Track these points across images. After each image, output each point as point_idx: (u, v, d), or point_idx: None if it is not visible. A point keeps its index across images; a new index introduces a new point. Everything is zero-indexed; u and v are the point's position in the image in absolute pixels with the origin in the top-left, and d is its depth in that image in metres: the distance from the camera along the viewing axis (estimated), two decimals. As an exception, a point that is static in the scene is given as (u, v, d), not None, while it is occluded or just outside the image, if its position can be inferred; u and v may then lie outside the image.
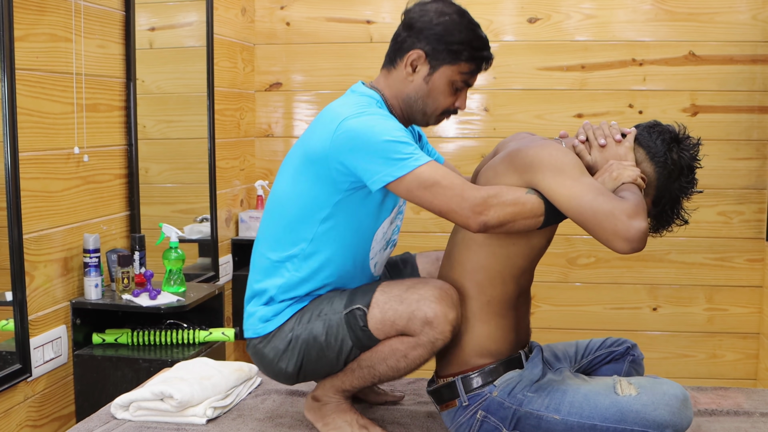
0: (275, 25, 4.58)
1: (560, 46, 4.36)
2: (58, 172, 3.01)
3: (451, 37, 2.28)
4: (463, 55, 2.29)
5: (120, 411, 2.52)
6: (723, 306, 4.38)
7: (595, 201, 2.07)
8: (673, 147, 2.33)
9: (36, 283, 2.90)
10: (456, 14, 2.31)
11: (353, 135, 2.16)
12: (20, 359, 2.82)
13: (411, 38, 2.31)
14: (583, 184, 2.12)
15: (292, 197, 2.33)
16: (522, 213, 2.14)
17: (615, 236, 2.05)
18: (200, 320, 3.37)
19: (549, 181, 2.14)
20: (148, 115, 3.69)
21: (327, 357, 2.32)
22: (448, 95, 2.34)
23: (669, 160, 2.31)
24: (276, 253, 2.37)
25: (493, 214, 2.12)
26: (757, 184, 4.28)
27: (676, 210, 2.37)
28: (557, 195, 2.12)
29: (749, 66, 4.25)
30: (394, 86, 2.37)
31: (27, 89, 2.82)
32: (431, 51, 2.29)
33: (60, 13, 2.99)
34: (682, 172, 2.32)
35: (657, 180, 2.32)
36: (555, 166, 2.15)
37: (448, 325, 2.20)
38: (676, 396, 2.16)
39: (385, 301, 2.25)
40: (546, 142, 2.28)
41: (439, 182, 2.13)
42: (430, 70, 2.30)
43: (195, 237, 4.11)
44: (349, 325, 2.27)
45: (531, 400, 2.23)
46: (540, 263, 2.29)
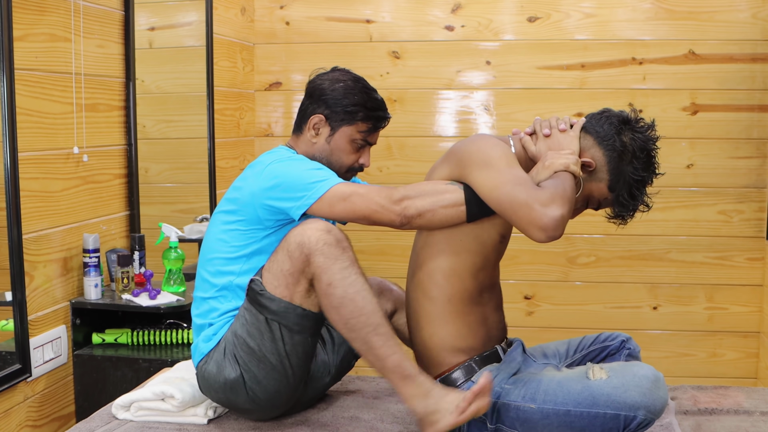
0: (275, 24, 4.58)
1: (560, 45, 4.36)
2: (58, 172, 3.01)
3: (346, 99, 2.49)
4: (359, 115, 2.50)
5: (121, 411, 2.52)
6: (723, 305, 4.38)
7: (512, 191, 2.15)
8: (622, 130, 2.35)
9: (36, 283, 2.90)
10: (351, 81, 2.53)
11: (275, 174, 2.36)
12: (20, 359, 2.82)
13: (312, 105, 2.55)
14: (504, 174, 2.19)
15: (221, 238, 2.45)
16: (440, 202, 2.27)
17: (530, 225, 2.13)
18: (200, 320, 3.36)
19: (476, 174, 2.23)
20: (148, 114, 3.69)
21: (258, 348, 2.35)
22: (351, 153, 2.54)
23: (618, 142, 2.33)
24: (209, 291, 2.46)
25: (411, 204, 2.27)
26: (758, 183, 4.28)
27: (634, 195, 2.36)
28: (481, 187, 2.21)
29: (749, 64, 4.25)
30: (303, 148, 2.57)
31: (26, 89, 2.82)
32: (329, 114, 2.51)
33: (59, 13, 2.99)
34: (634, 155, 2.33)
35: (608, 164, 2.34)
36: (481, 159, 2.24)
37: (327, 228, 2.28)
38: (646, 377, 2.17)
39: (270, 264, 2.34)
40: (482, 137, 2.38)
41: (355, 191, 2.31)
42: (330, 131, 2.52)
43: (195, 237, 4.10)
44: (254, 302, 2.34)
45: (508, 392, 2.25)
46: (540, 262, 2.30)
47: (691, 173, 4.33)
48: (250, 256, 2.41)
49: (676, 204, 4.34)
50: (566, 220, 2.13)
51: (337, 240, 2.27)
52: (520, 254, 4.35)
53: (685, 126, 4.31)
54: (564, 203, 2.13)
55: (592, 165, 2.33)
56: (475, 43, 4.42)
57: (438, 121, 4.49)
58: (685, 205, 4.35)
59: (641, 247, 4.38)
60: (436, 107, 4.49)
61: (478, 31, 4.41)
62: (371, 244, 4.49)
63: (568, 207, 2.15)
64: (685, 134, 4.31)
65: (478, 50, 4.42)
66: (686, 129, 4.31)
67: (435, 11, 4.44)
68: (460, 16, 4.41)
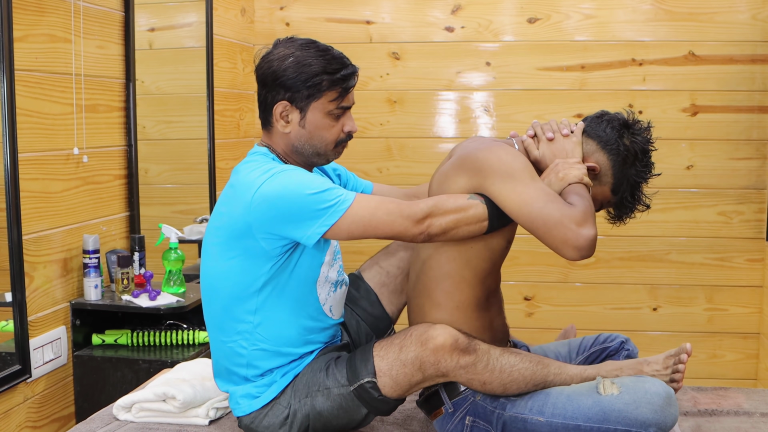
0: (275, 25, 4.58)
1: (560, 46, 4.36)
2: (58, 172, 3.01)
3: (304, 74, 2.20)
4: (323, 85, 2.21)
5: (122, 412, 2.51)
6: (723, 306, 4.38)
7: (545, 209, 2.10)
8: (623, 133, 2.35)
9: (35, 284, 2.90)
10: (299, 50, 2.23)
11: (272, 201, 2.12)
12: (20, 360, 2.82)
13: (270, 93, 2.26)
14: (532, 189, 2.15)
15: (222, 277, 2.27)
16: (464, 219, 2.18)
17: (564, 245, 2.09)
18: (200, 321, 3.36)
19: (499, 187, 2.17)
20: (148, 115, 3.69)
21: (338, 427, 2.28)
22: (331, 126, 2.27)
23: (621, 146, 2.33)
24: (226, 336, 2.31)
25: (435, 223, 2.15)
26: (757, 184, 4.28)
27: (636, 196, 2.38)
28: (507, 201, 2.16)
29: (749, 66, 4.25)
30: (279, 142, 2.30)
31: (26, 90, 2.82)
32: (291, 96, 2.23)
33: (59, 14, 2.99)
34: (636, 157, 2.34)
35: (612, 168, 2.34)
36: (505, 171, 2.18)
37: (455, 346, 2.18)
38: (658, 394, 2.14)
39: (389, 368, 2.21)
40: (495, 144, 2.30)
41: (373, 213, 2.14)
42: (300, 113, 2.24)
43: (195, 237, 4.10)
44: (362, 398, 2.24)
45: (514, 404, 2.23)
46: (540, 263, 2.29)
47: (691, 174, 4.33)
48: (260, 291, 2.23)
49: (675, 205, 4.35)
50: (596, 240, 2.12)
51: (467, 345, 2.17)
52: (520, 255, 4.35)
53: (685, 127, 4.31)
54: (594, 221, 2.12)
55: (597, 170, 2.33)
56: (474, 44, 4.42)
57: (438, 122, 4.49)
58: (684, 206, 4.35)
59: (641, 249, 4.38)
60: (436, 108, 4.49)
61: (477, 32, 4.41)
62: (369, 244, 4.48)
63: (595, 225, 2.13)
64: (685, 135, 4.32)
65: (477, 51, 4.42)
66: (686, 130, 4.31)
67: (435, 12, 4.44)
68: (460, 17, 4.41)
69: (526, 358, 2.25)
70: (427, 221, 2.15)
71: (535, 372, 2.24)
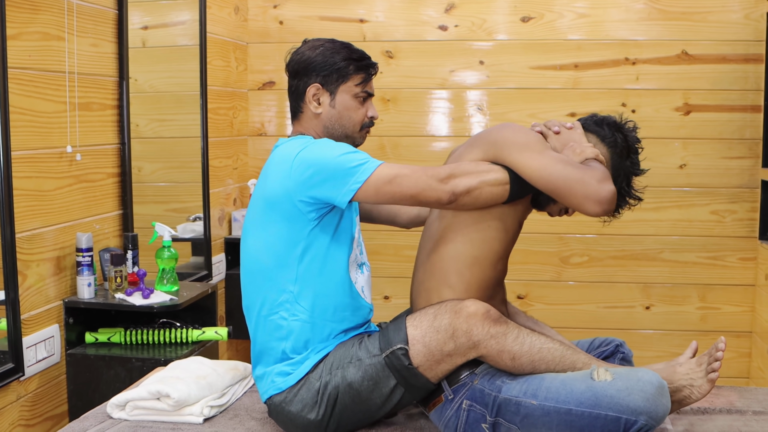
0: (268, 23, 4.58)
1: (553, 45, 4.36)
2: (51, 170, 3.00)
3: (332, 59, 2.45)
4: (351, 69, 2.46)
5: (116, 410, 2.51)
6: (716, 305, 4.39)
7: (565, 170, 2.26)
8: (617, 131, 2.50)
9: (28, 282, 2.90)
10: (328, 42, 2.49)
11: (309, 163, 2.29)
12: (13, 358, 2.81)
13: (302, 81, 2.48)
14: (549, 156, 2.30)
15: (264, 247, 2.39)
16: (487, 180, 2.30)
17: (587, 199, 2.24)
18: (193, 319, 3.36)
19: (516, 156, 2.31)
20: (141, 113, 3.68)
21: (365, 403, 2.30)
22: (357, 108, 2.49)
23: (618, 140, 2.48)
24: (266, 307, 2.39)
25: (459, 182, 2.28)
26: (750, 183, 4.29)
27: (631, 187, 2.51)
28: (526, 168, 2.30)
29: (742, 65, 4.26)
30: (310, 127, 2.50)
31: (19, 88, 2.81)
32: (323, 80, 2.45)
33: (53, 12, 2.98)
34: (631, 151, 2.50)
35: (611, 160, 2.47)
36: (519, 142, 2.33)
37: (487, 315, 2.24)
38: (651, 383, 2.15)
39: (423, 335, 2.26)
40: (509, 124, 2.46)
41: (399, 172, 2.28)
42: (330, 95, 2.47)
43: (188, 236, 4.10)
44: (392, 367, 2.27)
45: (510, 387, 2.24)
46: (533, 262, 2.30)
47: (684, 173, 4.34)
48: (301, 258, 2.34)
49: (668, 204, 4.35)
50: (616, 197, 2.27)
51: (498, 316, 2.24)
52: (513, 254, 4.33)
53: (678, 126, 4.32)
54: (612, 182, 2.27)
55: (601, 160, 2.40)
56: (468, 43, 4.43)
57: (431, 120, 4.50)
58: (677, 205, 4.36)
59: (634, 247, 4.39)
60: (429, 107, 4.50)
61: (471, 30, 4.41)
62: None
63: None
64: (678, 134, 4.33)
65: (471, 50, 4.42)
66: (679, 129, 4.32)
67: (428, 11, 4.44)
68: (454, 16, 4.41)
69: (556, 340, 2.32)
70: (451, 180, 2.27)
71: (564, 355, 2.28)
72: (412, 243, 3.51)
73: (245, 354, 4.65)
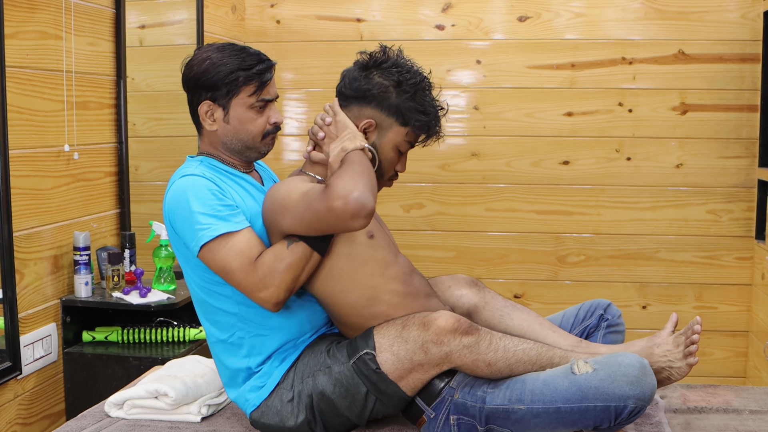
0: (265, 23, 4.58)
1: (550, 45, 4.37)
2: (48, 169, 3.00)
3: (219, 74, 2.30)
4: (240, 81, 2.31)
5: (114, 409, 2.51)
6: (712, 304, 4.40)
7: (310, 208, 2.13)
8: (369, 76, 2.35)
9: (26, 281, 2.90)
10: (215, 52, 2.33)
11: (167, 211, 2.33)
12: (10, 357, 2.81)
13: (194, 96, 2.36)
14: (297, 205, 2.17)
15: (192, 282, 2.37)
16: (298, 266, 2.20)
17: (343, 223, 2.09)
18: (190, 318, 3.36)
19: (286, 223, 2.20)
20: (138, 112, 3.69)
21: (342, 410, 2.28)
22: (255, 119, 2.36)
23: (373, 89, 2.32)
24: (223, 333, 2.36)
25: (277, 291, 2.19)
26: (746, 183, 4.29)
27: (425, 112, 2.34)
28: (295, 229, 2.19)
29: (738, 64, 4.26)
30: (212, 143, 2.41)
31: (17, 87, 2.81)
32: (212, 95, 2.32)
33: (50, 11, 2.98)
34: (396, 87, 2.32)
35: (383, 111, 2.33)
36: (277, 208, 2.22)
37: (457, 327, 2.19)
38: (632, 365, 2.14)
39: (391, 343, 2.22)
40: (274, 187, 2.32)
41: (226, 266, 2.20)
42: (223, 110, 2.34)
43: (185, 235, 4.10)
44: (361, 373, 2.24)
45: (493, 396, 2.22)
46: (530, 261, 2.27)
47: (681, 173, 4.34)
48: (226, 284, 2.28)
49: (665, 203, 4.36)
50: (368, 193, 2.10)
51: (468, 326, 2.19)
52: (509, 253, 4.36)
53: (675, 125, 4.32)
54: (356, 182, 2.10)
55: (372, 124, 2.33)
56: (465, 43, 4.43)
57: (428, 120, 4.49)
58: (674, 205, 4.36)
59: (630, 247, 4.39)
60: (426, 106, 4.49)
61: (468, 30, 4.41)
62: None
63: (363, 182, 2.11)
64: (675, 134, 4.33)
65: (468, 49, 4.43)
66: (676, 129, 4.33)
67: (425, 10, 4.44)
68: (451, 15, 4.42)
69: (528, 340, 2.28)
70: (267, 289, 2.19)
71: (540, 353, 2.25)
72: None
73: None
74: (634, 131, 4.35)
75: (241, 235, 2.21)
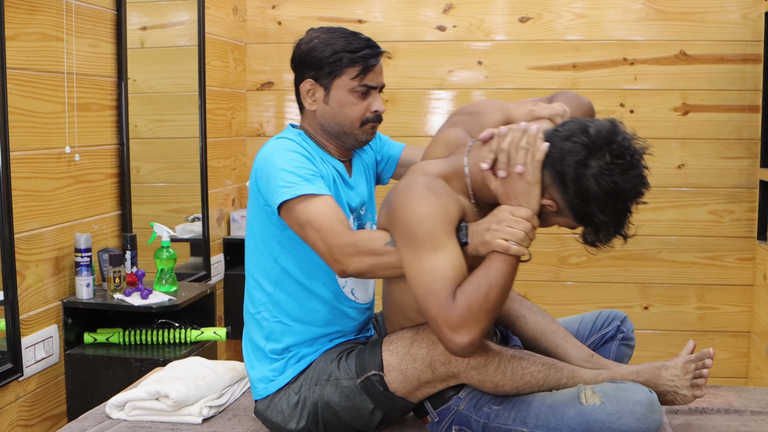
0: (267, 24, 4.58)
1: (551, 46, 4.37)
2: (50, 171, 3.00)
3: (324, 53, 2.30)
4: (344, 62, 2.29)
5: (115, 411, 2.51)
6: (714, 305, 4.40)
7: (425, 300, 2.00)
8: (586, 168, 1.96)
9: (27, 283, 2.90)
10: (324, 33, 2.34)
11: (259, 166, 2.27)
12: (11, 359, 2.81)
13: (298, 75, 2.38)
14: (423, 269, 2.00)
15: (250, 241, 2.37)
16: (380, 265, 2.13)
17: (440, 342, 2.03)
18: (192, 319, 3.36)
19: (401, 249, 2.07)
20: (140, 114, 3.69)
21: (347, 421, 2.28)
22: (355, 104, 2.33)
23: (577, 187, 1.98)
24: (251, 304, 2.39)
25: (352, 263, 2.12)
26: (748, 183, 4.29)
27: (607, 232, 2.08)
28: (404, 268, 2.06)
29: (740, 65, 4.26)
30: (310, 124, 2.40)
31: (18, 88, 2.81)
32: (315, 74, 2.32)
33: (51, 13, 2.98)
34: (599, 199, 1.97)
35: (569, 208, 2.04)
36: (406, 234, 2.04)
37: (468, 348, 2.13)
38: (640, 402, 2.12)
39: (399, 362, 2.20)
40: (417, 189, 2.07)
41: (312, 221, 2.14)
42: (324, 90, 2.33)
43: (187, 236, 4.10)
44: (368, 392, 2.24)
45: (498, 414, 2.20)
46: (532, 263, 2.23)
47: (682, 173, 4.34)
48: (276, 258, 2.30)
49: (667, 204, 4.36)
50: (480, 339, 1.98)
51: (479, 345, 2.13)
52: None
53: (676, 126, 4.32)
54: (478, 322, 1.96)
55: (553, 207, 2.05)
56: (466, 44, 4.43)
57: (430, 121, 4.50)
58: (676, 206, 4.36)
59: (632, 247, 4.39)
60: (427, 107, 4.50)
61: (469, 31, 4.41)
62: None
63: (487, 320, 1.98)
64: (676, 134, 4.33)
65: (469, 50, 4.43)
66: (677, 129, 4.33)
67: (427, 11, 4.44)
68: (452, 17, 4.42)
69: (538, 360, 2.25)
70: (346, 259, 2.12)
71: (548, 376, 2.22)
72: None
73: (244, 354, 4.65)
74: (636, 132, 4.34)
75: (323, 199, 2.17)
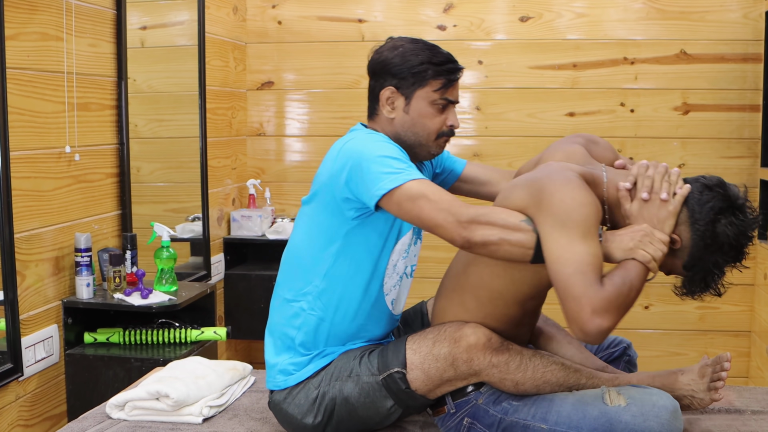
0: (267, 23, 4.58)
1: (552, 45, 4.37)
2: (50, 171, 3.00)
3: (410, 62, 2.30)
4: (428, 73, 2.30)
5: (115, 411, 2.51)
6: (715, 304, 4.39)
7: (572, 277, 1.97)
8: (721, 218, 2.11)
9: (27, 283, 2.89)
10: (408, 43, 2.35)
11: (348, 156, 2.20)
12: (12, 358, 2.81)
13: (378, 81, 2.36)
14: (573, 249, 1.99)
15: (306, 233, 2.34)
16: (509, 239, 2.06)
17: (573, 322, 1.98)
18: (192, 319, 3.36)
19: (547, 228, 2.02)
20: (140, 114, 3.68)
21: (362, 418, 2.29)
22: (434, 116, 2.33)
23: (709, 232, 2.10)
24: (291, 292, 2.36)
25: (478, 232, 2.06)
26: (749, 183, 4.28)
27: (707, 281, 2.18)
28: (546, 247, 2.02)
29: (740, 64, 4.26)
30: (384, 130, 2.37)
31: (18, 88, 2.81)
32: (398, 83, 2.32)
33: (51, 12, 2.98)
34: (722, 248, 2.12)
35: (691, 248, 2.13)
36: (560, 216, 2.01)
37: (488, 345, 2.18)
38: (665, 407, 2.12)
39: (422, 361, 2.22)
40: (571, 181, 2.08)
41: (426, 195, 2.10)
42: (405, 100, 2.32)
43: (187, 236, 4.10)
44: (389, 389, 2.25)
45: (516, 409, 2.20)
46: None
47: (683, 173, 4.32)
48: (336, 257, 2.28)
49: (667, 203, 4.35)
50: (613, 328, 2.00)
51: (500, 344, 2.18)
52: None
53: (677, 125, 4.32)
54: (619, 313, 1.99)
55: (677, 243, 2.14)
56: (467, 43, 4.43)
57: (430, 120, 4.49)
58: (676, 205, 4.35)
59: (633, 247, 4.38)
60: (428, 107, 4.49)
61: (470, 30, 4.41)
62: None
63: (622, 314, 2.01)
64: (677, 134, 4.33)
65: (470, 50, 4.42)
66: (678, 129, 4.32)
67: (427, 11, 4.44)
68: (452, 16, 4.41)
69: (558, 361, 2.26)
70: (471, 226, 2.06)
71: (567, 376, 2.23)
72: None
73: (244, 354, 4.66)
74: (636, 131, 4.35)
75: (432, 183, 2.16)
